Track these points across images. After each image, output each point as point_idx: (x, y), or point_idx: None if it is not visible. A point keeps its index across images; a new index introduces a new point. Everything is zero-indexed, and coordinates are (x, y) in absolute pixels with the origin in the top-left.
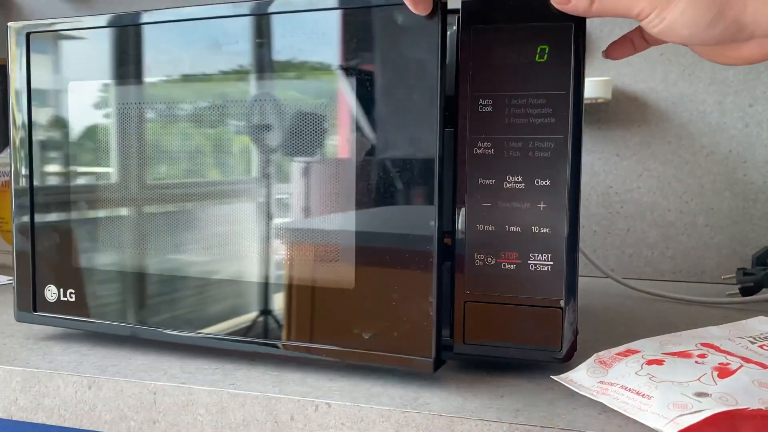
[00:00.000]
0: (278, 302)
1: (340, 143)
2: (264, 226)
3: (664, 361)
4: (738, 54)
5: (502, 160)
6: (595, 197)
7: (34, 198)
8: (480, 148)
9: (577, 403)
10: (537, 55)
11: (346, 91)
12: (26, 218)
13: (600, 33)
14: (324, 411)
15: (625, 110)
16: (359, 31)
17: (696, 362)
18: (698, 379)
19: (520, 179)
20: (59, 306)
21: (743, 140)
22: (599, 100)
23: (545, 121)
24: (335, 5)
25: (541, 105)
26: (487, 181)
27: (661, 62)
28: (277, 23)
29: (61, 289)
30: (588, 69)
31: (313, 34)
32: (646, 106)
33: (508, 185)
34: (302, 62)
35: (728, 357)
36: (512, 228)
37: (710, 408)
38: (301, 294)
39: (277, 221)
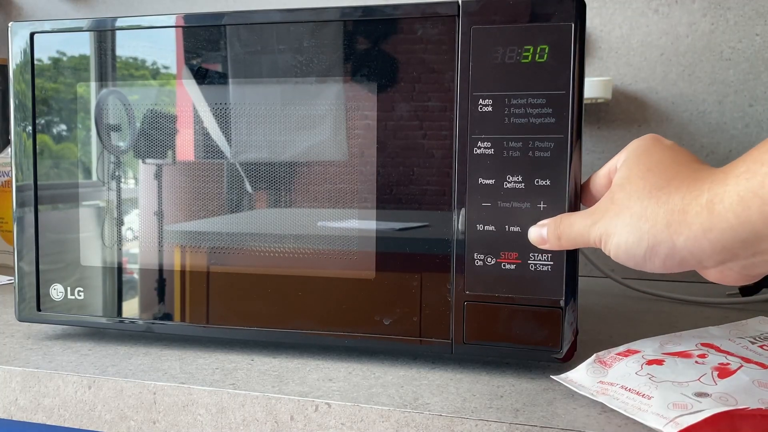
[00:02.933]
0: (304, 292)
1: (361, 144)
2: (289, 221)
3: (664, 361)
4: (715, 278)
5: (502, 160)
6: None
7: (37, 196)
8: (480, 148)
9: (577, 403)
10: (537, 55)
11: (364, 95)
12: (29, 217)
13: (600, 33)
14: (324, 411)
15: (625, 110)
16: (381, 40)
17: (696, 362)
18: (698, 379)
19: (520, 179)
20: (66, 304)
21: (743, 140)
22: (599, 100)
23: (545, 121)
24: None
25: (541, 105)
26: (487, 181)
27: (661, 62)
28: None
29: (68, 288)
30: (588, 69)
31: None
32: (646, 106)
33: (508, 185)
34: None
35: (728, 357)
36: (512, 228)
37: (710, 408)
38: (325, 284)
39: (303, 216)
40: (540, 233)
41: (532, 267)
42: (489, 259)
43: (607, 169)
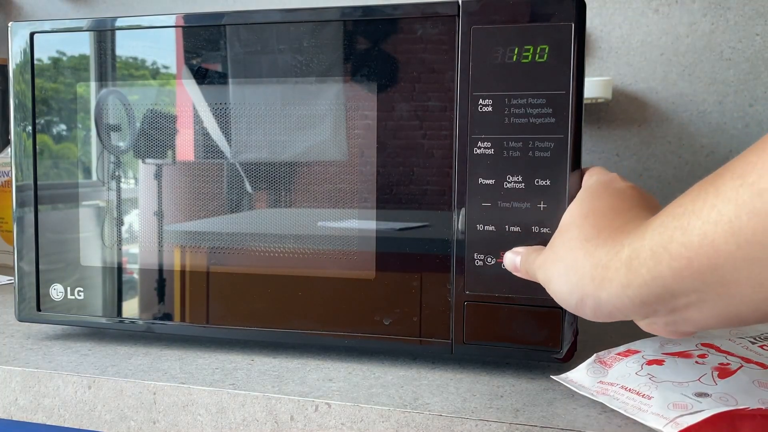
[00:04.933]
0: (304, 292)
1: (361, 144)
2: (289, 221)
3: (664, 361)
4: (647, 329)
5: (502, 160)
6: None
7: (37, 196)
8: (480, 148)
9: (577, 403)
10: (537, 55)
11: (364, 95)
12: (29, 217)
13: (600, 33)
14: (324, 411)
15: (625, 110)
16: (381, 40)
17: (696, 362)
18: (698, 379)
19: (520, 179)
20: (66, 304)
21: (743, 140)
22: (599, 100)
23: (545, 121)
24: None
25: (541, 105)
26: (487, 181)
27: (661, 62)
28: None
29: (68, 288)
30: (588, 69)
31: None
32: (646, 106)
33: (508, 185)
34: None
35: (728, 357)
36: (512, 228)
37: (710, 408)
38: (326, 285)
39: (303, 216)
40: (513, 261)
41: None
42: (489, 259)
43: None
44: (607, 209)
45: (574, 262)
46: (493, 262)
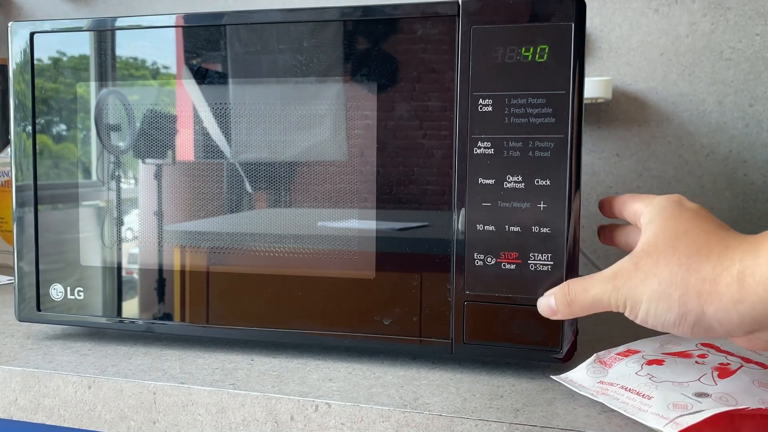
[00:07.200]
0: (304, 292)
1: (361, 144)
2: (289, 221)
3: (664, 361)
4: (743, 345)
5: (502, 160)
6: (595, 197)
7: (37, 196)
8: (480, 148)
9: (577, 403)
10: (537, 55)
11: (364, 95)
12: (29, 217)
13: (600, 33)
14: (324, 411)
15: (625, 110)
16: (381, 40)
17: (696, 362)
18: (698, 379)
19: (520, 179)
20: (66, 304)
21: (743, 140)
22: (599, 100)
23: (545, 121)
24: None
25: (541, 105)
26: (487, 181)
27: (661, 62)
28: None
29: (68, 288)
30: (588, 69)
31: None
32: (646, 106)
33: (508, 185)
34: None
35: (728, 357)
36: (512, 228)
37: (710, 408)
38: (326, 285)
39: (303, 216)
40: (548, 304)
41: (532, 267)
42: (489, 259)
43: (633, 211)
44: (698, 230)
45: (673, 278)
46: (493, 262)
